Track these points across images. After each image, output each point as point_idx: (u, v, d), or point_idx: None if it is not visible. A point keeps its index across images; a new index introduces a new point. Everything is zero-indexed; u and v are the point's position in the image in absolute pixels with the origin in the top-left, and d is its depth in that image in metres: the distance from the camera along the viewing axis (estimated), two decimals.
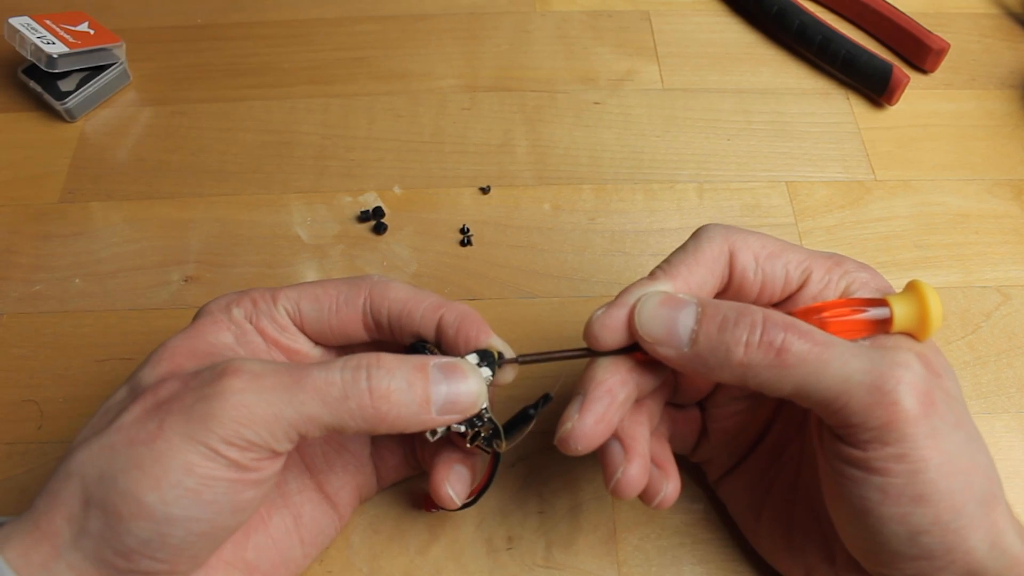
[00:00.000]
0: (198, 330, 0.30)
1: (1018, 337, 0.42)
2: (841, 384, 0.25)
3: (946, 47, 0.52)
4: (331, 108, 0.51)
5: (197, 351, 0.29)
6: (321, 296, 0.31)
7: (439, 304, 0.31)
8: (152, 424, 0.25)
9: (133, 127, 0.50)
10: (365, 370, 0.27)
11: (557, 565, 0.35)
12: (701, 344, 0.27)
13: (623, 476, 0.29)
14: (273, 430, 0.26)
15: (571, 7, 0.57)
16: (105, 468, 0.25)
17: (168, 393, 0.26)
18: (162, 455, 0.25)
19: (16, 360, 0.41)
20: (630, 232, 0.46)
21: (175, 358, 0.28)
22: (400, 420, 0.27)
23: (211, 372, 0.26)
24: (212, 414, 0.25)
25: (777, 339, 0.26)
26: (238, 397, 0.25)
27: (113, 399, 0.28)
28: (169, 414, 0.25)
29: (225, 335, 0.30)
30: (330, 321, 0.31)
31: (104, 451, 0.26)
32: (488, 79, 0.53)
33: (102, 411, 0.28)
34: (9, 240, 0.45)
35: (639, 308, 0.28)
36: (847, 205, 0.47)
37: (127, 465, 0.25)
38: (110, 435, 0.26)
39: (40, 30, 0.49)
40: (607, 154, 0.49)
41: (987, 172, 0.48)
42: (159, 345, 0.30)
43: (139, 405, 0.26)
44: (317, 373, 0.26)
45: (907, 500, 0.25)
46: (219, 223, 0.46)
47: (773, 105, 0.51)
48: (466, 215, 0.46)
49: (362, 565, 0.35)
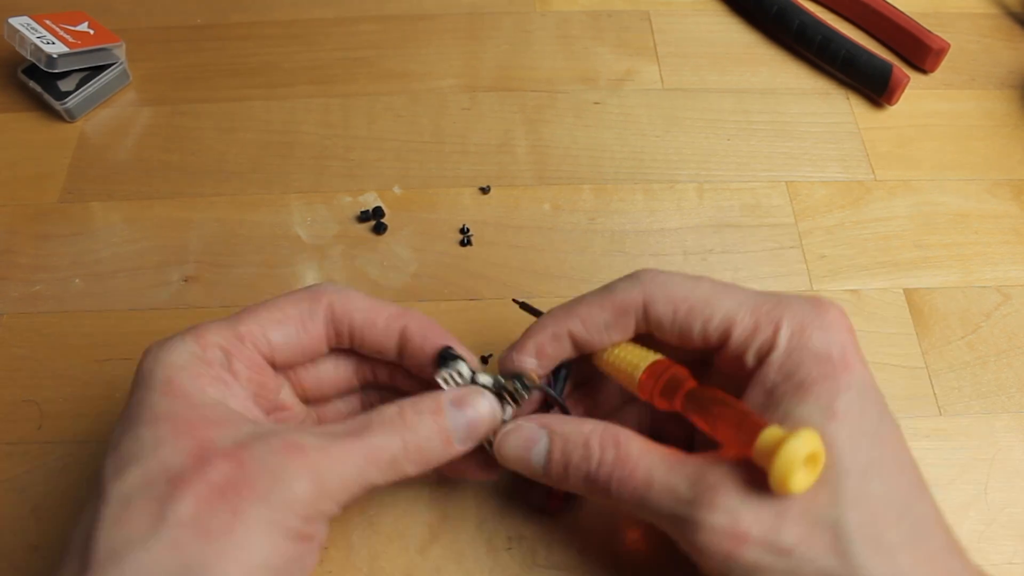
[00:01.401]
0: (183, 392, 0.28)
1: (1018, 337, 0.42)
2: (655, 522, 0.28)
3: (946, 47, 0.52)
4: (331, 108, 0.51)
5: (209, 418, 0.27)
6: (284, 320, 0.31)
7: (399, 313, 0.32)
8: (224, 513, 0.24)
9: (133, 127, 0.50)
10: (400, 432, 0.28)
11: (557, 565, 0.35)
12: (551, 476, 0.30)
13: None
14: (340, 500, 0.27)
15: (571, 7, 0.57)
16: (180, 566, 0.24)
17: (224, 477, 0.25)
18: (246, 544, 0.24)
19: (16, 360, 0.41)
20: (630, 232, 0.46)
21: (194, 431, 0.26)
22: (429, 464, 0.29)
23: (271, 450, 0.26)
24: (294, 498, 0.25)
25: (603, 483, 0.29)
26: (314, 477, 0.26)
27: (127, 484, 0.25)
28: (243, 501, 0.25)
29: (212, 392, 0.28)
30: (301, 343, 0.31)
31: (172, 551, 0.24)
32: (488, 79, 0.53)
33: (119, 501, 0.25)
34: (9, 240, 0.45)
35: (499, 445, 0.31)
36: (847, 205, 0.47)
37: (207, 558, 0.24)
38: (171, 532, 0.24)
39: (40, 30, 0.49)
40: (607, 154, 0.49)
41: (987, 172, 0.48)
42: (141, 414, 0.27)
43: (192, 493, 0.24)
44: (372, 441, 0.28)
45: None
46: (219, 223, 0.46)
47: (773, 105, 0.51)
48: (466, 215, 0.46)
49: (362, 565, 0.35)
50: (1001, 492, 0.37)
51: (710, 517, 0.26)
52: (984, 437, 0.38)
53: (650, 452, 0.29)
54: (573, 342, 0.32)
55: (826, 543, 0.25)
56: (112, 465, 0.26)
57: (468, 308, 0.43)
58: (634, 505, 0.28)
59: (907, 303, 0.43)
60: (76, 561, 0.25)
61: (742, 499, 0.26)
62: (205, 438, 0.26)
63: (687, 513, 0.27)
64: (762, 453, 0.25)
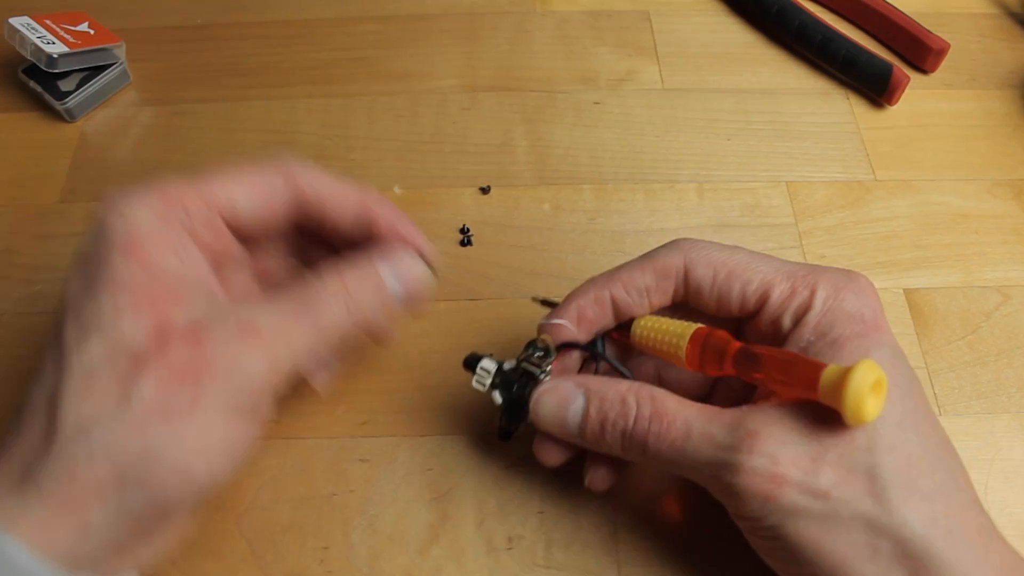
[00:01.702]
0: (145, 256, 0.27)
1: (1018, 337, 0.42)
2: (693, 475, 0.29)
3: (946, 47, 0.52)
4: (331, 108, 0.51)
5: (169, 290, 0.27)
6: (251, 187, 0.31)
7: (366, 199, 0.32)
8: (184, 396, 0.25)
9: (133, 127, 0.50)
10: (344, 301, 0.29)
11: (557, 565, 0.35)
12: (587, 437, 0.31)
13: None
14: (291, 376, 0.28)
15: (571, 7, 0.57)
16: (144, 445, 0.25)
17: (184, 360, 0.25)
18: (205, 425, 0.25)
19: (16, 360, 0.41)
20: (630, 232, 0.46)
21: (155, 304, 0.26)
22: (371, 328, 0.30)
23: (227, 333, 0.26)
24: (250, 381, 0.26)
25: (641, 440, 0.29)
26: (269, 359, 0.26)
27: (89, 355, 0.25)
28: (201, 385, 0.25)
29: (172, 259, 0.28)
30: (262, 214, 0.31)
31: (135, 430, 0.25)
32: (488, 79, 0.53)
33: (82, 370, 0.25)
34: (9, 240, 0.45)
35: (536, 403, 0.32)
36: (847, 205, 0.47)
37: (169, 440, 0.25)
38: (135, 412, 0.25)
39: (40, 30, 0.49)
40: (607, 154, 0.49)
41: (987, 172, 0.48)
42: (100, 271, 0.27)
43: (153, 374, 0.25)
44: (321, 316, 0.28)
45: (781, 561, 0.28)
46: None
47: (773, 105, 0.51)
48: (466, 215, 0.46)
49: (362, 565, 0.35)
50: (1001, 492, 0.37)
51: (749, 460, 0.26)
52: (984, 437, 0.38)
53: (687, 406, 0.29)
54: (613, 307, 0.33)
55: (863, 487, 0.26)
56: (72, 329, 0.26)
57: (468, 308, 0.43)
58: (672, 459, 0.28)
59: (907, 303, 0.43)
60: (41, 424, 0.25)
61: (781, 443, 0.26)
62: (164, 314, 0.26)
63: (726, 458, 0.27)
64: (829, 389, 0.25)
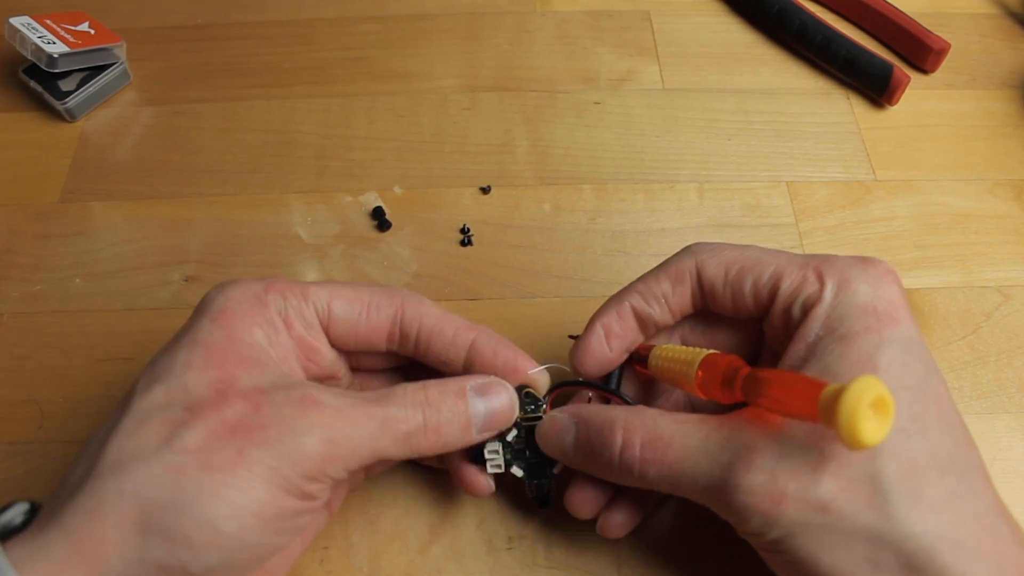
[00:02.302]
0: (231, 324, 0.28)
1: (1018, 337, 0.42)
2: (694, 495, 0.28)
3: (946, 47, 0.52)
4: (331, 108, 0.51)
5: (243, 356, 0.27)
6: (352, 299, 0.31)
7: (470, 326, 0.32)
8: (230, 450, 0.25)
9: (133, 127, 0.50)
10: (422, 408, 0.29)
11: (557, 565, 0.35)
12: (584, 462, 0.31)
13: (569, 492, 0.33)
14: (348, 464, 0.27)
15: (571, 7, 0.57)
16: (174, 493, 0.24)
17: (238, 417, 0.25)
18: (244, 485, 0.24)
19: (16, 360, 0.41)
20: (630, 232, 0.46)
21: (224, 364, 0.27)
22: (444, 447, 0.30)
23: (289, 400, 0.26)
24: (301, 452, 0.25)
25: (635, 466, 0.29)
26: (326, 434, 0.26)
27: (149, 400, 0.26)
28: (250, 443, 0.25)
29: (258, 333, 0.29)
30: (358, 326, 0.31)
31: (171, 474, 0.24)
32: (488, 79, 0.53)
33: (138, 414, 0.26)
34: (9, 240, 0.45)
35: (538, 438, 0.32)
36: (847, 205, 0.47)
37: (202, 492, 0.24)
38: (175, 456, 0.24)
39: (40, 30, 0.49)
40: (607, 154, 0.49)
41: (987, 172, 0.48)
42: (186, 336, 0.28)
43: (203, 425, 0.25)
44: (390, 411, 0.28)
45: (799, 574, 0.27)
46: (219, 223, 0.46)
47: (773, 105, 0.51)
48: (466, 215, 0.46)
49: (362, 565, 0.35)
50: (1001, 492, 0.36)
51: (747, 478, 0.26)
52: (984, 437, 0.38)
53: (682, 424, 0.28)
54: (636, 318, 0.33)
55: (864, 498, 0.25)
56: (144, 379, 0.27)
57: (468, 308, 0.42)
58: (670, 482, 0.28)
59: None
60: (85, 463, 0.26)
61: (779, 455, 0.26)
62: (230, 374, 0.26)
63: (724, 476, 0.26)
64: (825, 410, 0.23)
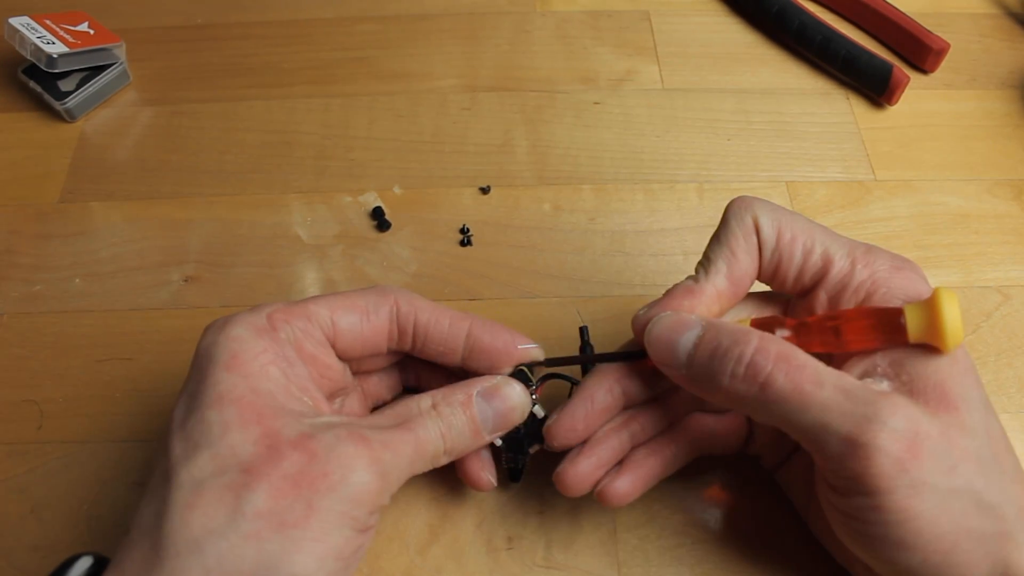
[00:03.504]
0: (247, 371, 0.28)
1: (1018, 337, 0.42)
2: (819, 429, 0.26)
3: (946, 47, 0.52)
4: (331, 108, 0.51)
5: (274, 405, 0.27)
6: (351, 307, 0.31)
7: (464, 315, 0.32)
8: (300, 505, 0.25)
9: (133, 127, 0.50)
10: (437, 423, 0.29)
11: (557, 565, 0.35)
12: (694, 368, 0.29)
13: (561, 469, 0.32)
14: (395, 490, 0.28)
15: (571, 7, 0.57)
16: (259, 559, 0.24)
17: (297, 469, 0.25)
18: (321, 534, 0.25)
19: (16, 360, 0.41)
20: (630, 232, 0.46)
21: (262, 419, 0.26)
22: (462, 454, 0.31)
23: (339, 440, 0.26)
24: (363, 490, 0.26)
25: (762, 374, 0.26)
26: (379, 469, 0.27)
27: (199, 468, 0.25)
28: (316, 494, 0.25)
29: (274, 372, 0.28)
30: (362, 333, 0.31)
31: (250, 541, 0.24)
32: (488, 79, 0.53)
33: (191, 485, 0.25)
34: (9, 240, 0.45)
35: (650, 327, 0.30)
36: (847, 205, 0.47)
37: (285, 552, 0.24)
38: (249, 523, 0.24)
39: (40, 30, 0.49)
40: (607, 154, 0.49)
41: (987, 172, 0.48)
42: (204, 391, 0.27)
43: (267, 484, 0.25)
44: (419, 434, 0.29)
45: (889, 545, 0.26)
46: (219, 223, 0.46)
47: (773, 105, 0.51)
48: (466, 215, 0.46)
49: (362, 565, 0.35)
50: None
51: (892, 419, 0.25)
52: None
53: (815, 360, 0.27)
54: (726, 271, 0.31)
55: (974, 467, 0.26)
56: (180, 447, 0.26)
57: (468, 308, 0.42)
58: (796, 404, 0.26)
59: None
60: (146, 544, 0.25)
61: (917, 412, 0.26)
62: (271, 427, 0.26)
63: (865, 412, 0.25)
64: (919, 325, 0.26)
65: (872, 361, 0.28)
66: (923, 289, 0.29)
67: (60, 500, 0.36)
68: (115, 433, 0.38)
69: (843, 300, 0.29)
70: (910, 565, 0.26)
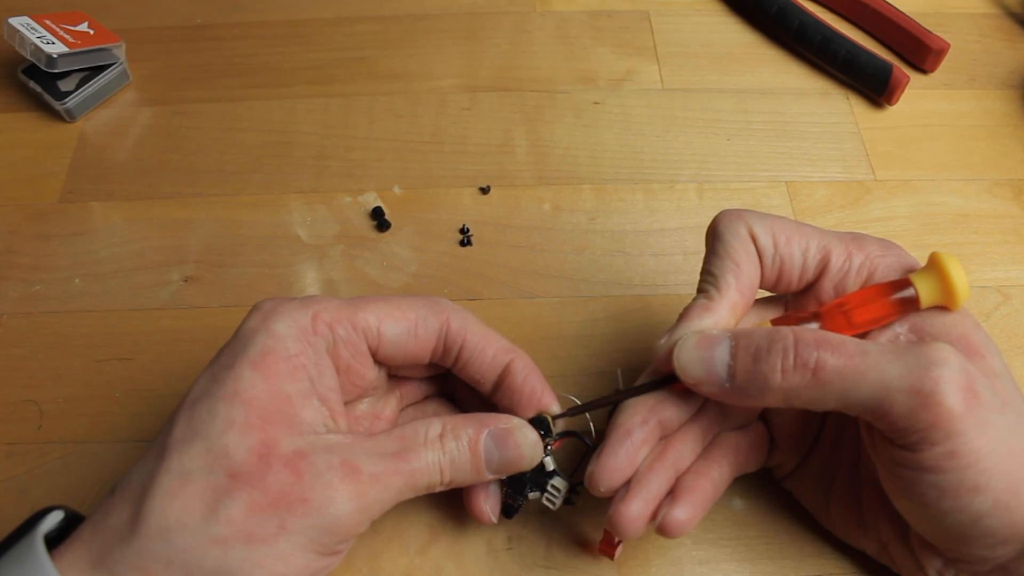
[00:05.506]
0: (274, 374, 0.28)
1: (1018, 337, 0.42)
2: (881, 392, 0.26)
3: (946, 47, 0.52)
4: (331, 108, 0.51)
5: (284, 413, 0.27)
6: (400, 318, 0.31)
7: (510, 348, 0.32)
8: (272, 523, 0.25)
9: (133, 127, 0.50)
10: (439, 459, 0.29)
11: (557, 565, 0.35)
12: (739, 378, 0.28)
13: (614, 512, 0.30)
14: (374, 518, 0.28)
15: (571, 7, 0.57)
16: (220, 563, 0.25)
17: (280, 487, 0.26)
18: (284, 555, 0.26)
19: (16, 360, 0.41)
20: (630, 232, 0.46)
21: (266, 426, 0.27)
22: (460, 485, 0.30)
23: (329, 467, 0.26)
24: (339, 520, 0.26)
25: (811, 359, 0.27)
26: (361, 503, 0.27)
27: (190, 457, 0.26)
28: (291, 515, 0.26)
29: (302, 377, 0.28)
30: (407, 345, 0.31)
31: (216, 545, 0.25)
32: (488, 79, 0.53)
33: (179, 473, 0.26)
34: (9, 240, 0.45)
35: (677, 352, 0.29)
36: (847, 205, 0.47)
37: (246, 561, 0.25)
38: (220, 528, 0.25)
39: (40, 30, 0.49)
40: (607, 154, 0.49)
41: (987, 172, 0.48)
42: (225, 382, 0.27)
43: (247, 495, 0.25)
44: (414, 467, 0.28)
45: (964, 492, 0.26)
46: (219, 223, 0.46)
47: (773, 105, 0.51)
48: (466, 215, 0.46)
49: (362, 565, 0.35)
50: None
51: (950, 366, 0.26)
52: None
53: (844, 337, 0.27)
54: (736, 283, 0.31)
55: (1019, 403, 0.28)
56: (182, 428, 0.27)
57: (468, 308, 0.42)
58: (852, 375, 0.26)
59: None
60: (128, 511, 0.26)
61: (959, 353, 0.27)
62: (272, 436, 0.27)
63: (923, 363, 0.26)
64: (928, 289, 0.28)
65: (892, 331, 0.30)
66: (914, 263, 0.31)
67: (60, 500, 0.36)
68: (115, 433, 0.38)
69: (848, 285, 0.31)
70: (981, 511, 0.26)
